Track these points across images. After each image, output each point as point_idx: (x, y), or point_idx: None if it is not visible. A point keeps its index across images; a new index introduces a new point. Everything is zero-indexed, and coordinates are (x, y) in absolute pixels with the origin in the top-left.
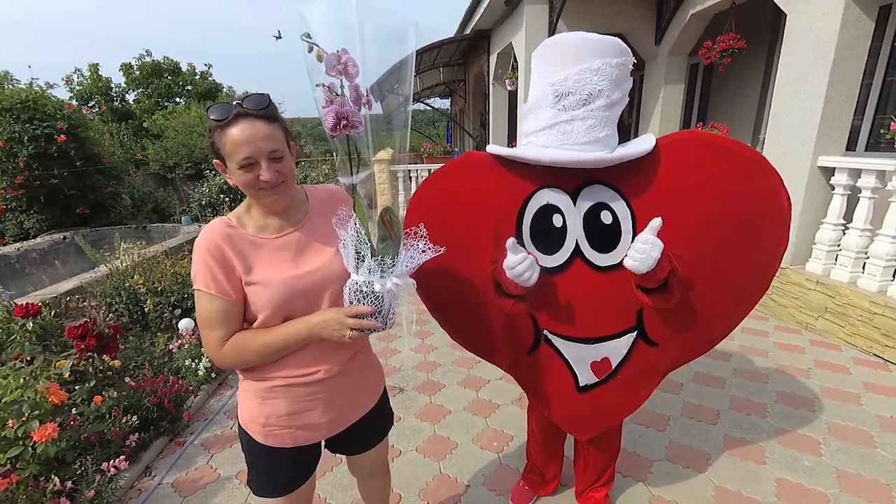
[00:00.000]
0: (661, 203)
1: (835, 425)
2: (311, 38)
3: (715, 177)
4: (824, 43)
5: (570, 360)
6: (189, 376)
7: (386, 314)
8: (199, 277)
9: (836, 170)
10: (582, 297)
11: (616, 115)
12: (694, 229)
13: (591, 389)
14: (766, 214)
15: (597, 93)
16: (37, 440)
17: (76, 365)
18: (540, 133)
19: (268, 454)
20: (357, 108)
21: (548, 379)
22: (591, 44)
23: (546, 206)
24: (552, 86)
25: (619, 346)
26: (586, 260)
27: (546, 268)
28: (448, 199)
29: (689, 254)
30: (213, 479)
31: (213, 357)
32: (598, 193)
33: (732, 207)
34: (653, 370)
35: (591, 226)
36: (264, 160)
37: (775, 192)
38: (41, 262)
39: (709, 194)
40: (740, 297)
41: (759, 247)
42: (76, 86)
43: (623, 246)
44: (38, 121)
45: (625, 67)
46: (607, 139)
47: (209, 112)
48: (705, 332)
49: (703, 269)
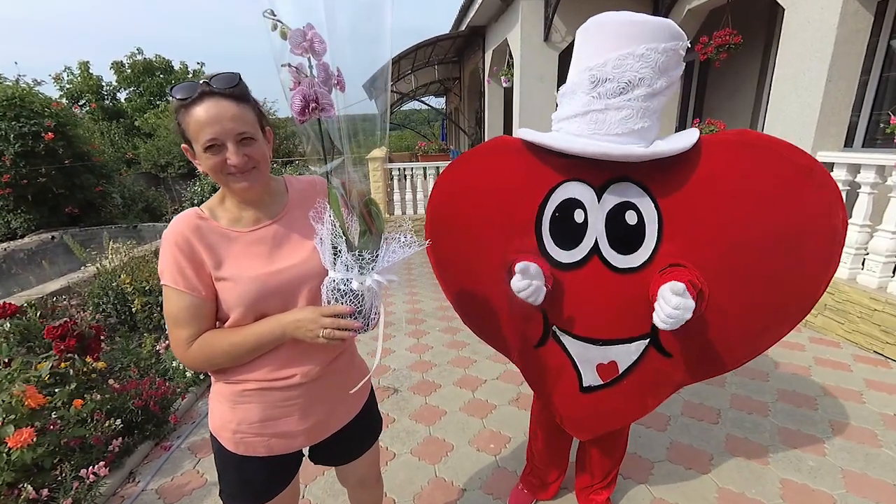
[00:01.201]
0: (693, 207)
1: (838, 423)
2: (274, 15)
3: (760, 184)
4: (823, 37)
5: (576, 358)
6: (177, 378)
7: (367, 314)
8: (167, 272)
9: (835, 165)
10: (595, 296)
11: (659, 106)
12: (726, 239)
13: (594, 391)
14: (813, 233)
15: (637, 81)
16: (12, 446)
17: (56, 367)
18: (572, 120)
19: (239, 462)
20: (327, 89)
21: (552, 375)
22: (637, 26)
23: (569, 200)
24: (590, 70)
25: (629, 352)
26: (604, 259)
27: (561, 263)
28: (472, 183)
29: (717, 265)
30: (199, 484)
31: (181, 358)
32: (626, 191)
33: (775, 220)
34: (664, 381)
35: (613, 225)
36: (231, 142)
37: (829, 208)
38: (28, 262)
39: (749, 203)
40: (770, 320)
41: (801, 268)
42: (66, 84)
43: (646, 248)
44: (24, 118)
45: (674, 53)
46: (644, 132)
47: (173, 91)
48: (726, 351)
49: (731, 285)
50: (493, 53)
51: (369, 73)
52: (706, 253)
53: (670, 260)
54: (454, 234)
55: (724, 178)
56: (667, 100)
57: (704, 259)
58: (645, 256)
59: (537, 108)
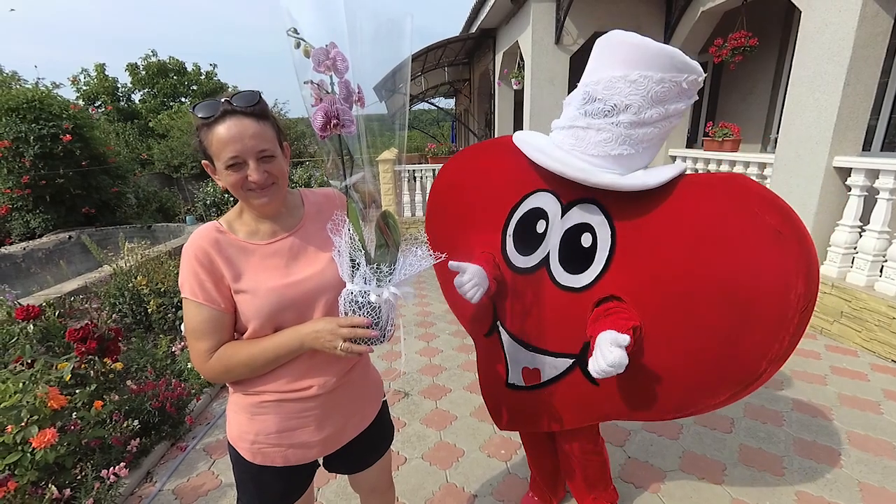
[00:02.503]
0: (647, 243)
1: (855, 435)
2: (297, 34)
3: (719, 234)
4: (841, 40)
5: (508, 356)
6: (191, 379)
7: (384, 325)
8: (187, 285)
9: (853, 170)
10: (535, 305)
11: (647, 136)
12: (671, 283)
13: (515, 390)
14: (764, 300)
15: (623, 107)
16: (35, 446)
17: (77, 368)
18: (560, 130)
19: (256, 472)
20: (348, 105)
21: (488, 364)
22: (638, 50)
23: (536, 209)
24: (585, 86)
25: (554, 365)
26: (550, 273)
27: (516, 266)
28: (469, 172)
29: (656, 307)
30: (214, 485)
31: (201, 370)
32: (589, 213)
33: (726, 277)
34: (586, 404)
35: (568, 243)
36: (252, 160)
37: (786, 280)
38: (46, 261)
39: (704, 252)
40: (709, 378)
41: (739, 338)
42: (82, 86)
43: (591, 272)
44: (43, 120)
45: (674, 85)
46: (623, 159)
47: (195, 110)
48: (659, 397)
49: (669, 330)
50: (503, 56)
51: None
52: (648, 292)
53: (611, 290)
54: (447, 220)
55: (687, 220)
56: (660, 132)
57: (644, 298)
58: (588, 280)
59: (547, 110)
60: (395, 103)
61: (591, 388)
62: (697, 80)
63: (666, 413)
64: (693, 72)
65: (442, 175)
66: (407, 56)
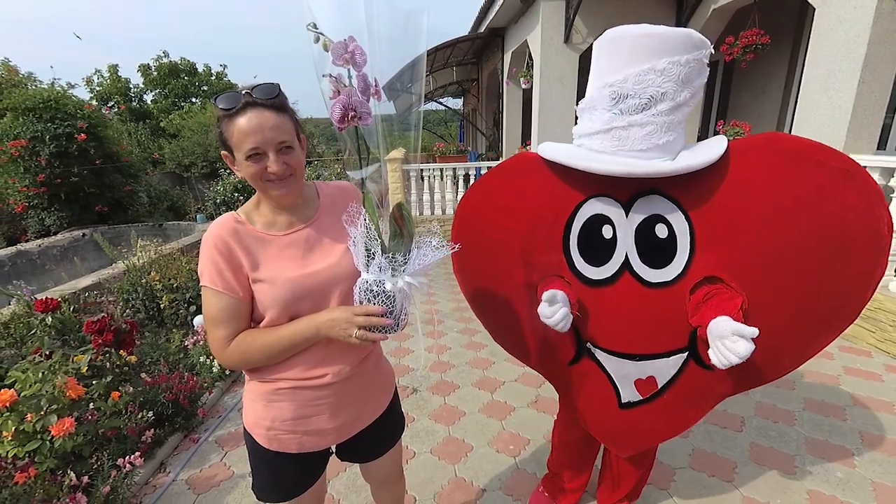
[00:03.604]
0: (725, 217)
1: (868, 435)
2: (317, 28)
3: (796, 191)
4: (856, 37)
5: (613, 374)
6: (203, 373)
7: (398, 314)
8: (206, 273)
9: (868, 169)
10: (628, 312)
11: (683, 117)
12: (764, 249)
13: (634, 407)
14: (856, 237)
15: (659, 96)
16: (55, 434)
17: (93, 360)
18: (594, 136)
19: (272, 459)
20: (365, 98)
21: (589, 392)
22: (656, 39)
23: (596, 216)
24: (610, 86)
25: (667, 366)
26: (636, 274)
27: (592, 279)
28: (497, 200)
29: (757, 274)
30: (226, 476)
31: (219, 357)
32: (654, 204)
33: (815, 227)
34: (707, 393)
35: (643, 239)
36: (272, 151)
37: (871, 211)
38: (61, 258)
39: (786, 210)
40: (816, 327)
41: (845, 274)
42: (96, 86)
43: (678, 261)
44: (59, 120)
45: (697, 63)
46: (669, 145)
47: (217, 101)
48: (772, 360)
49: (773, 294)
50: (512, 55)
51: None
52: (743, 263)
53: (705, 272)
54: (480, 255)
55: (756, 186)
56: (691, 109)
57: (741, 269)
58: (678, 270)
59: (556, 109)
60: (403, 103)
61: (705, 374)
62: (711, 51)
63: (783, 371)
64: (707, 45)
65: (466, 206)
66: (422, 51)
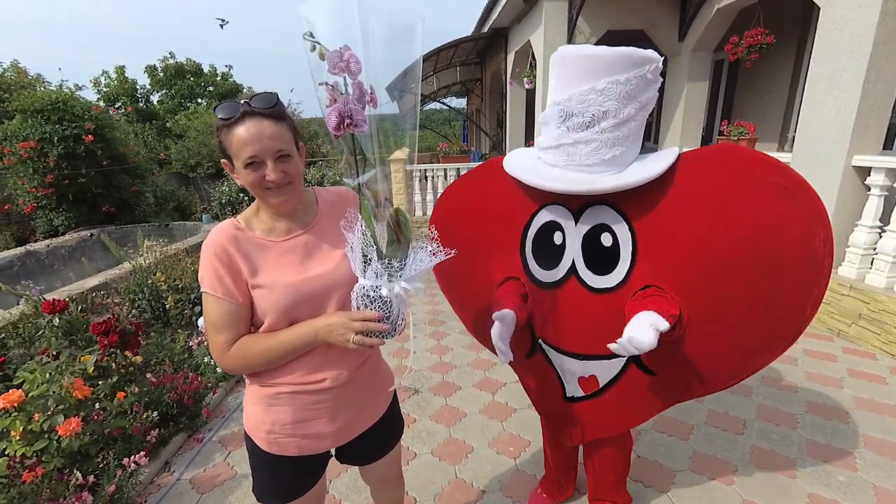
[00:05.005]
0: (666, 228)
1: (871, 438)
2: (313, 37)
3: (732, 205)
4: (861, 36)
5: (559, 370)
6: (208, 373)
7: (394, 320)
8: (206, 280)
9: (873, 169)
10: (574, 314)
11: (631, 130)
12: (701, 261)
13: (577, 401)
14: (793, 255)
15: (601, 114)
16: (61, 434)
17: (100, 361)
18: (548, 150)
19: (272, 462)
20: (361, 106)
21: (540, 384)
22: (594, 61)
23: (549, 223)
24: (557, 104)
25: (609, 367)
26: (581, 279)
27: (543, 281)
28: (467, 203)
29: (694, 285)
30: (230, 476)
31: (220, 361)
32: (601, 214)
33: (752, 245)
34: (648, 397)
35: (589, 247)
36: (270, 160)
37: (808, 230)
38: (69, 258)
39: (723, 224)
40: (753, 342)
41: (781, 290)
42: (103, 88)
43: (620, 269)
44: (67, 121)
45: (639, 80)
46: (616, 159)
47: (216, 111)
48: (713, 371)
49: (709, 305)
50: (515, 55)
51: (399, 83)
52: (680, 274)
53: (645, 281)
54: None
55: (696, 198)
56: (640, 122)
57: (679, 280)
58: (620, 277)
59: None
60: (406, 103)
61: (649, 379)
62: (658, 66)
63: (726, 382)
64: (651, 61)
65: (440, 208)
66: (418, 58)
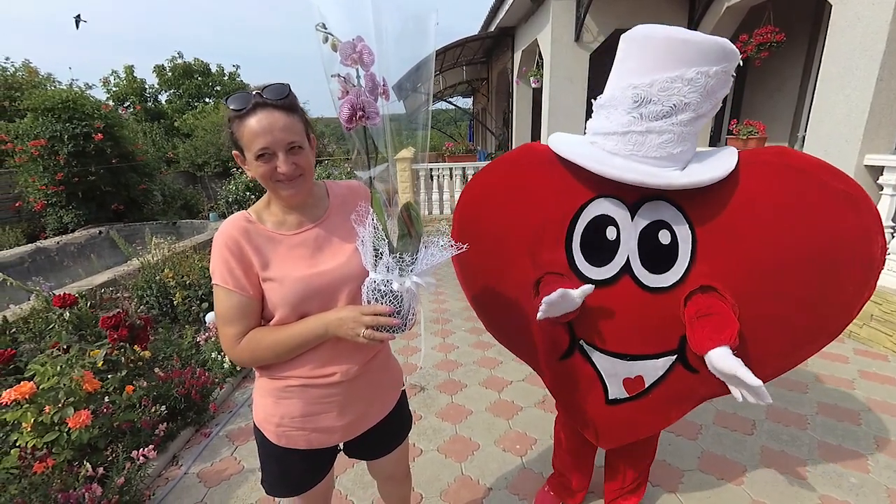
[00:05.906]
0: (728, 231)
1: (883, 440)
2: (325, 28)
3: (797, 209)
4: (874, 34)
5: (603, 372)
6: (215, 368)
7: (405, 314)
8: (217, 272)
9: (886, 169)
10: (624, 313)
11: (699, 128)
12: (761, 265)
13: (619, 403)
14: (851, 260)
15: (682, 106)
16: (71, 426)
17: (109, 354)
18: (609, 136)
19: (280, 454)
20: (373, 98)
21: (577, 387)
22: (689, 47)
23: (601, 217)
24: (634, 88)
25: (655, 367)
26: (635, 278)
27: (591, 279)
28: (501, 193)
29: (751, 289)
30: (236, 470)
31: (230, 354)
32: (660, 210)
33: (812, 247)
34: (689, 395)
35: (646, 244)
36: (282, 151)
37: (868, 236)
38: (78, 255)
39: (786, 228)
40: (801, 341)
41: (836, 295)
42: (112, 87)
43: (678, 268)
44: (77, 120)
45: (724, 75)
46: (682, 154)
47: (228, 101)
48: (756, 368)
49: (764, 306)
50: (522, 54)
51: (411, 78)
52: (739, 275)
53: (702, 281)
54: (481, 242)
55: (761, 201)
56: (706, 121)
57: (737, 281)
58: (677, 276)
59: (566, 108)
60: (413, 102)
61: (690, 378)
62: (740, 63)
63: (767, 378)
64: (737, 57)
65: (468, 196)
66: (431, 52)
